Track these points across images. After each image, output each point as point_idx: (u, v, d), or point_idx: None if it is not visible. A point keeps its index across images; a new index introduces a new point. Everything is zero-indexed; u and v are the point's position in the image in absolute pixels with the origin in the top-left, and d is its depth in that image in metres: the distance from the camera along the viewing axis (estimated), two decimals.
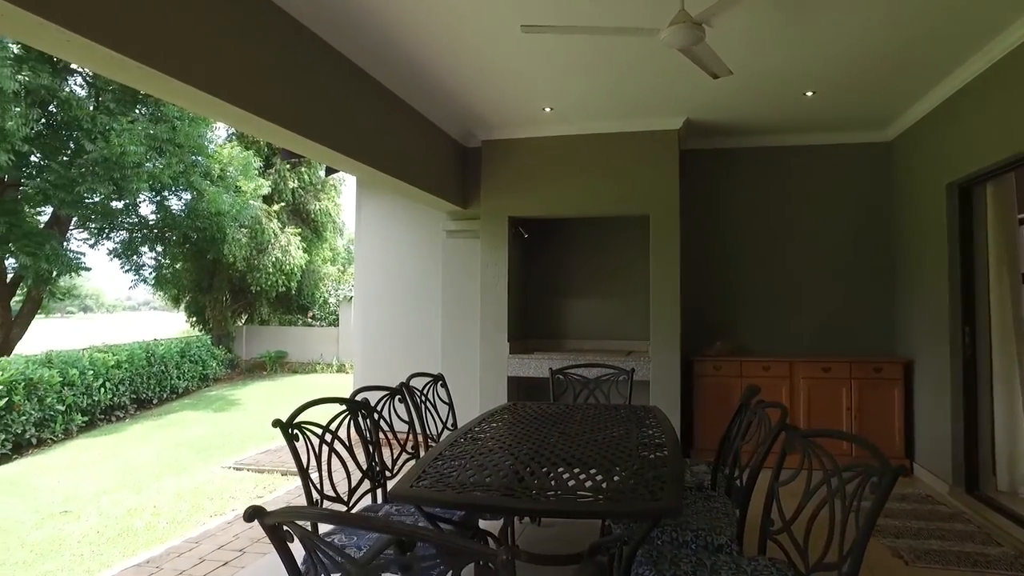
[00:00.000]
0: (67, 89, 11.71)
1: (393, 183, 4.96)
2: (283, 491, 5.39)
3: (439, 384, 4.18)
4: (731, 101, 5.00)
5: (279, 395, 12.21)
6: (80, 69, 12.19)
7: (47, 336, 21.52)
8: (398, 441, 3.44)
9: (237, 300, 17.22)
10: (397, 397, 3.55)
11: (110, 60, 2.50)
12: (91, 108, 11.83)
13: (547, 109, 5.23)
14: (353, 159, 4.18)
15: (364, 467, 2.98)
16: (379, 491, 3.07)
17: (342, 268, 19.85)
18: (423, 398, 3.89)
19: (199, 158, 12.42)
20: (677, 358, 5.46)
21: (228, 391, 12.81)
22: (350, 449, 2.89)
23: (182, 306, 19.08)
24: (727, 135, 5.98)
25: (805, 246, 6.00)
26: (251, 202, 13.48)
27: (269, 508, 1.35)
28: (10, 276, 12.71)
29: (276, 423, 2.55)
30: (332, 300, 17.90)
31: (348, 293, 17.02)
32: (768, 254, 6.07)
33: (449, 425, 4.15)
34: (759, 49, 3.96)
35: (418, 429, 3.62)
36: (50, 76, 10.76)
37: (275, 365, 16.59)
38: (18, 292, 13.53)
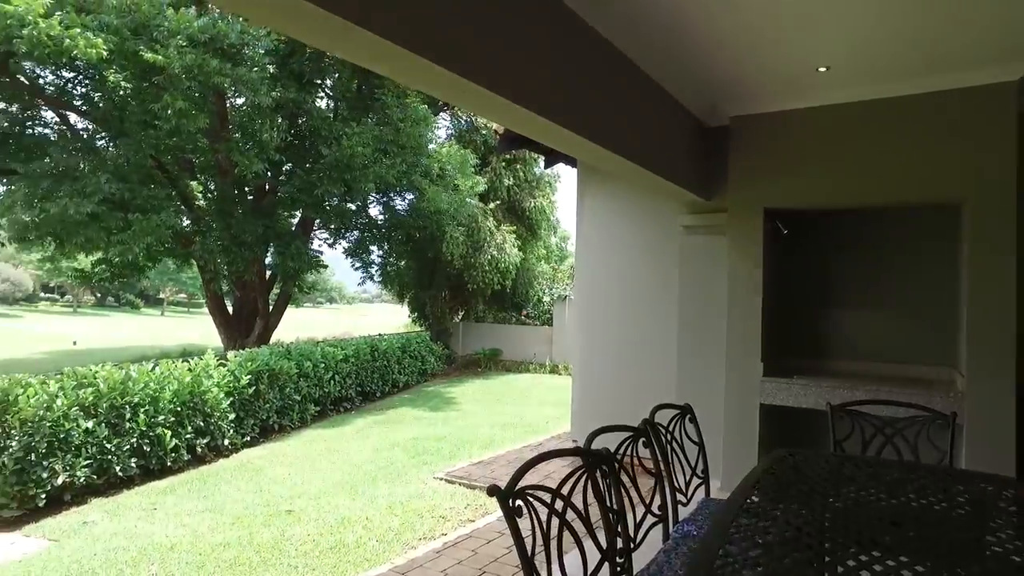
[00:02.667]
0: (311, 101, 12.72)
1: (630, 170, 4.15)
2: (495, 517, 4.88)
3: (687, 418, 3.30)
4: None
5: (493, 395, 12.10)
6: (321, 81, 13.19)
7: (297, 325, 24.26)
8: (640, 495, 2.63)
9: (455, 297, 17.72)
10: (642, 440, 2.75)
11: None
12: (330, 117, 12.73)
13: (822, 69, 4.05)
14: (590, 140, 3.44)
15: (603, 544, 2.20)
16: None
17: (555, 266, 19.61)
18: (669, 437, 3.05)
19: (420, 158, 12.77)
20: (1011, 397, 3.96)
21: (444, 388, 13.03)
22: (586, 520, 2.13)
23: (406, 301, 20.27)
24: None
25: None
26: (468, 200, 13.59)
27: (479, 536, 0.72)
28: (268, 273, 14.24)
29: (493, 491, 1.85)
30: (546, 299, 17.66)
31: (562, 292, 16.66)
32: None
33: (699, 471, 3.25)
34: None
35: (666, 484, 2.78)
36: (296, 90, 11.69)
37: (489, 363, 16.75)
38: (274, 287, 15.18)
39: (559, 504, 2.04)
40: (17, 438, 5.56)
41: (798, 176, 4.65)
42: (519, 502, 1.87)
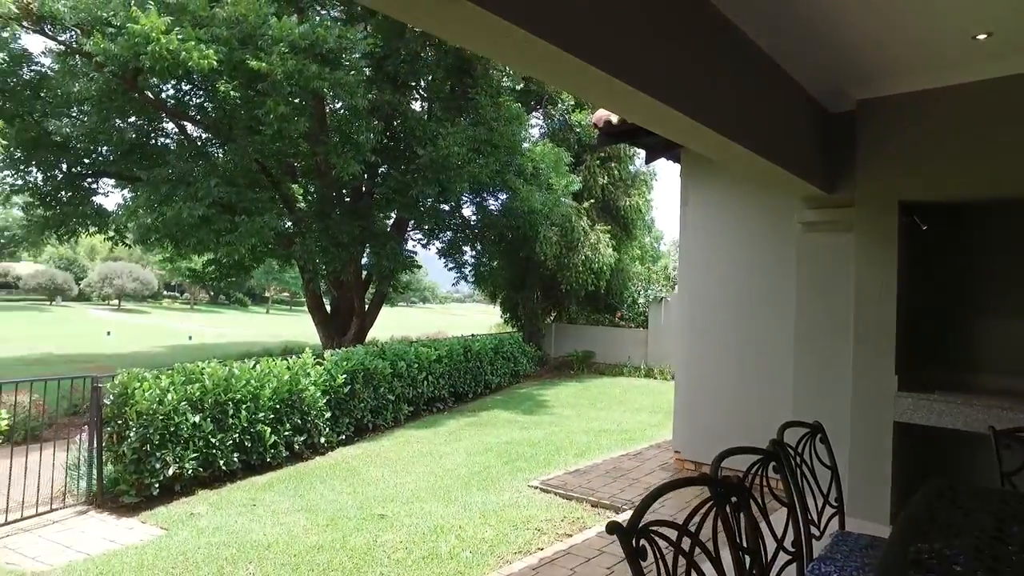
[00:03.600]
0: (405, 103, 12.88)
1: (749, 160, 3.74)
2: (594, 532, 4.60)
3: (817, 438, 2.89)
4: None
5: (587, 399, 11.78)
6: (415, 83, 13.32)
7: (392, 324, 24.85)
8: (771, 529, 2.28)
9: (547, 298, 17.54)
10: (771, 464, 2.39)
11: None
12: (424, 118, 12.83)
13: (980, 37, 3.49)
14: (706, 126, 3.08)
15: None
16: None
17: (650, 267, 19.03)
18: (799, 460, 2.67)
19: (514, 157, 12.64)
20: None
21: (537, 390, 12.83)
22: (716, 559, 1.82)
23: (498, 302, 20.28)
24: None
25: None
26: (562, 199, 13.31)
27: (577, 554, 0.51)
28: (364, 273, 14.56)
29: (613, 528, 1.57)
30: (641, 300, 17.12)
31: (658, 293, 16.08)
32: None
33: (832, 500, 2.85)
34: None
35: (799, 516, 2.41)
36: (392, 92, 11.85)
37: (582, 365, 16.43)
38: (370, 287, 15.53)
39: (686, 542, 1.74)
40: (134, 429, 5.82)
41: (943, 164, 4.07)
42: (643, 541, 1.58)
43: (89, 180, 13.66)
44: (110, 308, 50.95)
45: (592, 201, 16.10)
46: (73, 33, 10.95)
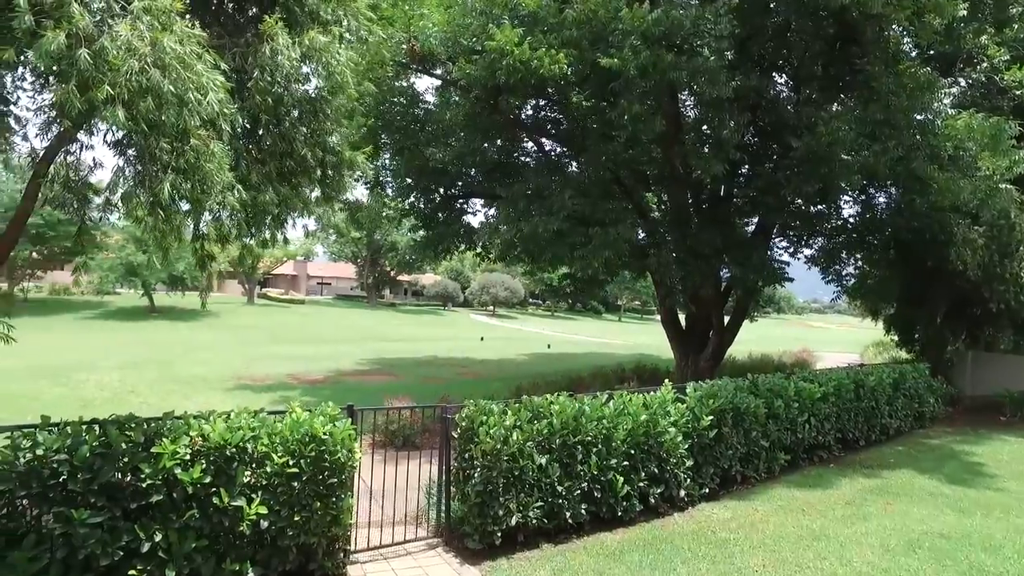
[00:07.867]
0: (772, 88, 10.93)
1: None
2: None
3: None
4: None
5: None
6: (784, 62, 11.26)
7: (746, 339, 22.48)
8: None
9: (955, 317, 13.61)
10: None
11: None
12: (791, 105, 10.70)
13: None
14: None
15: None
16: None
17: None
18: None
19: (925, 137, 9.67)
20: None
21: (959, 445, 9.60)
22: None
23: (881, 319, 16.73)
24: None
25: None
26: (1001, 187, 9.69)
27: None
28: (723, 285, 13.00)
29: None
30: None
31: None
32: None
33: None
34: None
35: None
36: (758, 77, 10.08)
37: (1018, 410, 12.17)
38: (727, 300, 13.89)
39: None
40: (478, 470, 5.35)
41: None
42: None
43: (460, 201, 14.85)
44: (486, 313, 58.33)
45: None
46: (447, 66, 11.79)
